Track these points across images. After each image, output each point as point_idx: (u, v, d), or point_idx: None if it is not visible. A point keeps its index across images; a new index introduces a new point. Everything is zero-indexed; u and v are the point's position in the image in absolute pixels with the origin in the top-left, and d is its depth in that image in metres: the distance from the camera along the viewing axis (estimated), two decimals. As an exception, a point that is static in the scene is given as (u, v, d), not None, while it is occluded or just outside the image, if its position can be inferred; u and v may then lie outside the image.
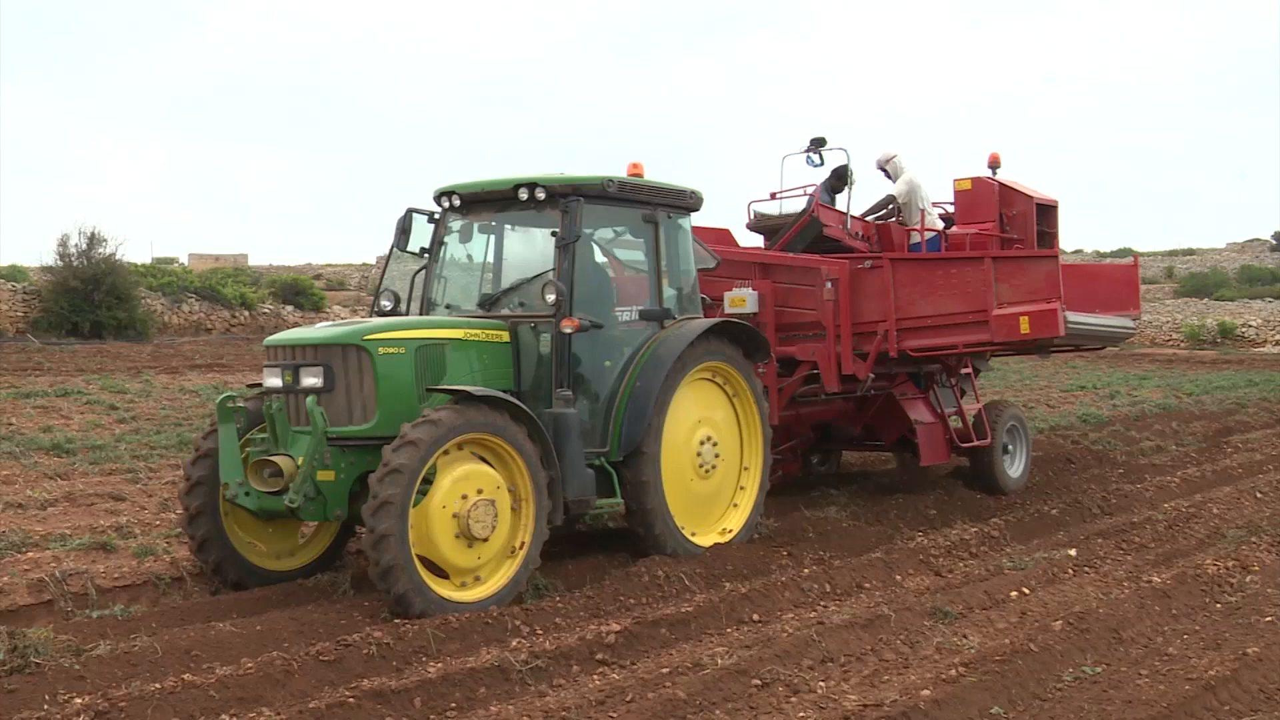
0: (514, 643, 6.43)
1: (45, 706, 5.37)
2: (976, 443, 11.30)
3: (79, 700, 5.38)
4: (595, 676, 6.04)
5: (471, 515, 6.92)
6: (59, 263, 28.69)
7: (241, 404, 7.58)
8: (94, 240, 29.11)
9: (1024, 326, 9.74)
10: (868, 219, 11.68)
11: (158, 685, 5.46)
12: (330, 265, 62.89)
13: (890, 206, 11.68)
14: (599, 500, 7.93)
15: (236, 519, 7.61)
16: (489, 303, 8.45)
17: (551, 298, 7.69)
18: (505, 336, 8.00)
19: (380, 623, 6.62)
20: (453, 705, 5.60)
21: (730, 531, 8.76)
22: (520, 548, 7.28)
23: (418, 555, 6.77)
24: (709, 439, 8.66)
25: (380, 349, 7.37)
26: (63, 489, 10.26)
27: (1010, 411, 12.00)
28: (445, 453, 6.93)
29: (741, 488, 8.97)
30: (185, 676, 5.58)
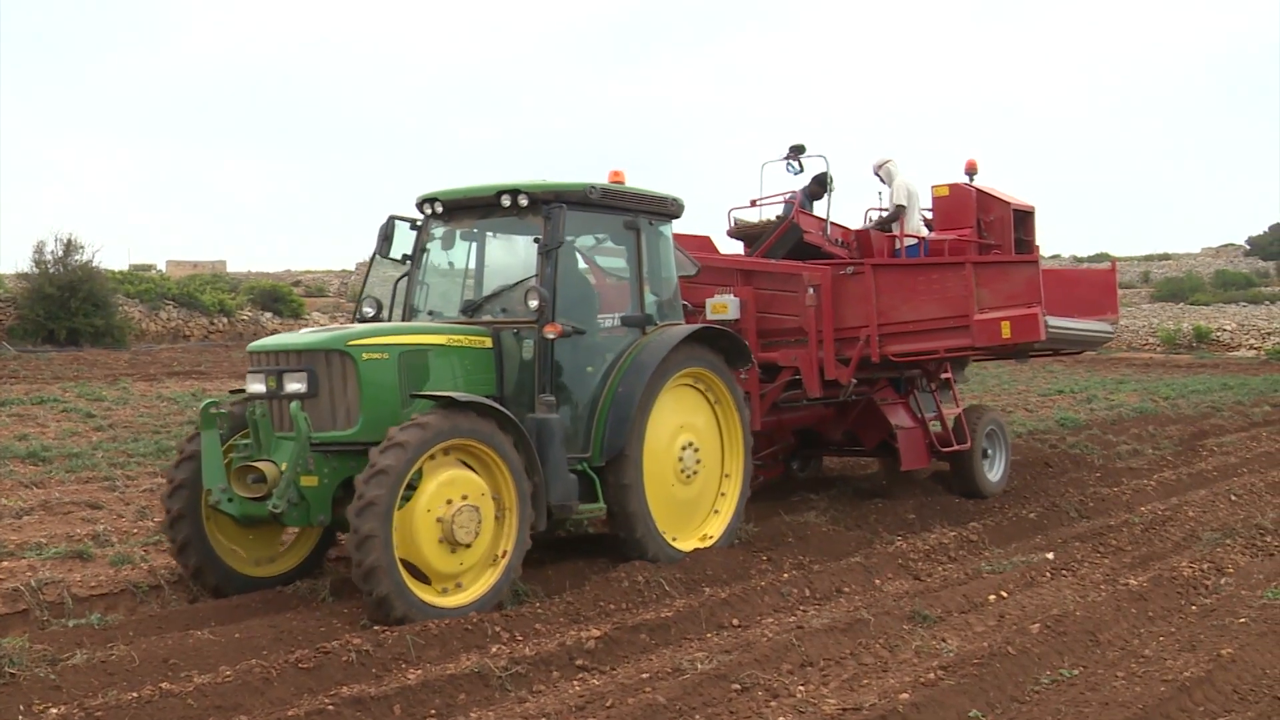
0: (494, 649, 6.42)
1: (20, 717, 5.33)
2: (956, 447, 11.36)
3: (55, 710, 5.34)
4: (575, 682, 6.04)
5: (455, 520, 6.92)
6: (35, 269, 28.49)
7: (225, 409, 7.55)
8: (70, 247, 28.95)
9: (1005, 331, 9.79)
10: (883, 231, 11.73)
11: (135, 694, 5.43)
12: (309, 272, 62.57)
13: (897, 214, 11.76)
14: (581, 505, 7.93)
15: (218, 524, 7.57)
16: (471, 309, 8.45)
17: (534, 304, 7.70)
18: (488, 342, 8.00)
19: (359, 630, 6.60)
20: (432, 712, 5.59)
21: (711, 538, 8.77)
22: (502, 556, 7.27)
23: (400, 559, 6.76)
24: (690, 444, 8.68)
25: (364, 354, 7.36)
26: (39, 497, 10.19)
27: (990, 416, 12.06)
28: (431, 457, 6.93)
29: (723, 494, 8.99)
30: (163, 685, 5.55)
